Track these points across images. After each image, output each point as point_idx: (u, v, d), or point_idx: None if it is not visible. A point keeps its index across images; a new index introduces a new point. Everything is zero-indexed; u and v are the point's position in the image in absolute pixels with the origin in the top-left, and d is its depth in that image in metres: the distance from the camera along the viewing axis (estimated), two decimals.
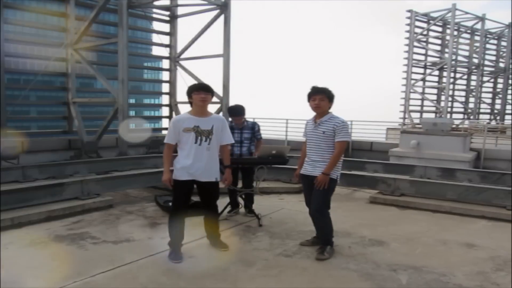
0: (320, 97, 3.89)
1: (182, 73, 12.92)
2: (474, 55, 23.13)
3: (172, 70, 13.54)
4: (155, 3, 12.35)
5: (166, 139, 3.83)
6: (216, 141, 3.85)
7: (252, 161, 5.13)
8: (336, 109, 4.01)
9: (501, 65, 24.78)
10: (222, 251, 3.99)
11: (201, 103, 3.79)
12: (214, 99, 12.32)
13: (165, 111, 14.35)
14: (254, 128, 5.32)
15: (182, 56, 13.14)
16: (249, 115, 5.64)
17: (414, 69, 22.56)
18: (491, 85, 25.33)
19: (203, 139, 3.75)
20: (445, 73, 21.98)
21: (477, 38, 23.02)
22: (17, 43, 11.77)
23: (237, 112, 5.19)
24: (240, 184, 5.33)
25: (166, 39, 13.38)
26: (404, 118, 21.73)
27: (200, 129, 3.75)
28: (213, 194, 3.98)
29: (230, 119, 5.32)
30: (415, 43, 22.10)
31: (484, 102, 24.95)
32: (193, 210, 4.23)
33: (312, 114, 4.04)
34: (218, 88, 12.42)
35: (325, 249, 3.88)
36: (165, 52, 13.53)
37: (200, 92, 3.77)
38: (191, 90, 3.84)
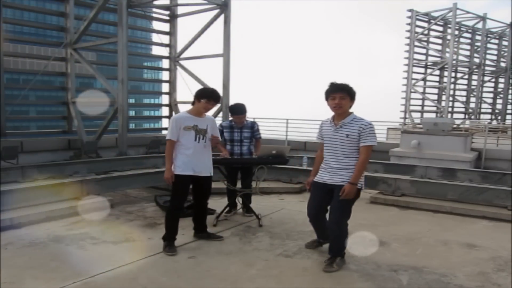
0: (341, 96, 3.40)
1: (182, 73, 12.92)
2: (475, 55, 23.10)
3: (172, 70, 13.53)
4: (155, 2, 12.34)
5: (169, 136, 3.94)
6: (209, 139, 4.10)
7: (252, 161, 5.11)
8: None
9: (502, 64, 24.73)
10: (219, 240, 4.25)
11: (205, 111, 4.05)
12: None
13: (165, 110, 14.35)
14: (253, 127, 5.28)
15: (182, 56, 13.13)
16: (249, 115, 5.60)
17: (415, 69, 22.53)
18: (492, 84, 25.30)
19: (200, 137, 3.99)
20: (446, 73, 21.94)
21: (478, 37, 22.99)
22: (16, 42, 11.76)
23: (239, 111, 5.14)
24: (239, 184, 5.30)
25: (166, 39, 13.36)
26: (404, 118, 21.70)
27: (198, 128, 3.99)
28: (209, 188, 4.20)
29: (230, 118, 5.29)
30: (416, 43, 22.06)
31: (485, 102, 24.93)
32: (190, 210, 4.48)
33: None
34: (218, 88, 12.39)
35: (334, 260, 3.56)
36: (165, 51, 13.52)
37: (210, 101, 3.98)
38: (203, 96, 3.99)
